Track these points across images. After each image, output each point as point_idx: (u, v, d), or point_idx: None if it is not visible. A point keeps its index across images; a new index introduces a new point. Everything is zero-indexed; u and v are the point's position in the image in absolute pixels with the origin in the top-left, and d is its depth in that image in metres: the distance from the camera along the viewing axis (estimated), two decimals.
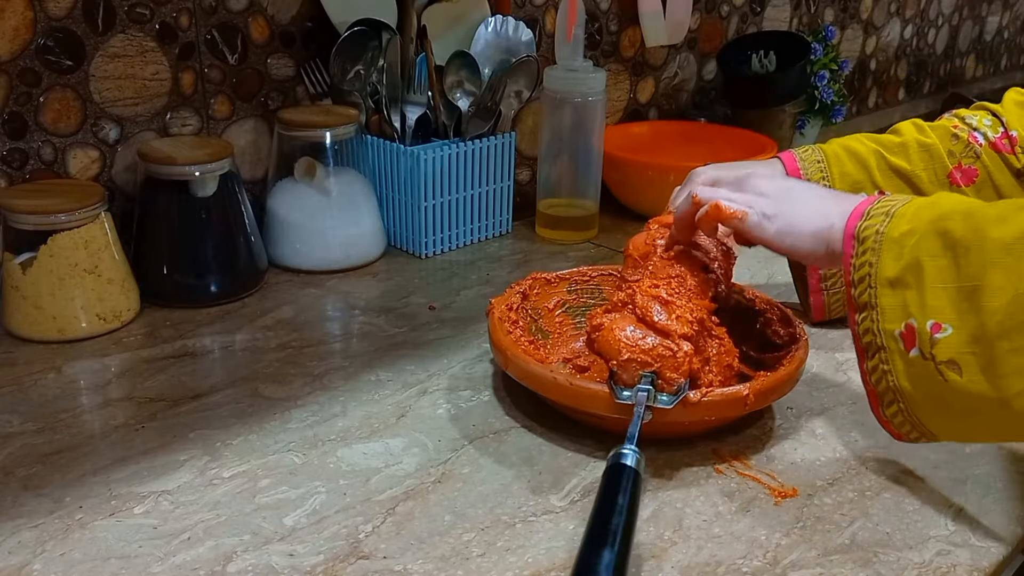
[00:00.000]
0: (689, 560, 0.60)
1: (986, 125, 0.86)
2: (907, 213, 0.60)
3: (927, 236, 0.58)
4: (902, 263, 0.58)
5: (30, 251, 0.83)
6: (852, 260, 0.61)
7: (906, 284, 0.58)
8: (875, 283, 0.59)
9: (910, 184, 0.86)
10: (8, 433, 0.71)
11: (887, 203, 0.62)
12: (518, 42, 1.13)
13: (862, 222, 0.62)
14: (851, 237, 0.61)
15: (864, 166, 0.87)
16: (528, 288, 0.86)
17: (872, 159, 0.87)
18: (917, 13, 2.01)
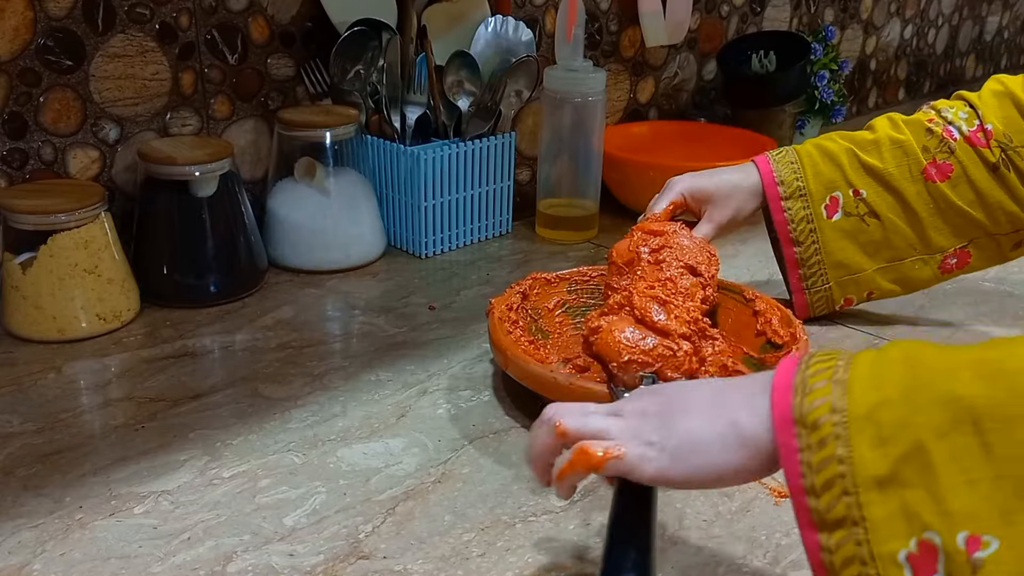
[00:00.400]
0: (689, 560, 0.60)
1: (961, 118, 0.86)
2: (865, 375, 0.43)
3: (922, 407, 0.40)
4: (892, 452, 0.40)
5: (30, 251, 0.83)
6: (802, 457, 0.42)
7: (905, 482, 0.40)
8: (854, 487, 0.41)
9: (883, 182, 0.86)
10: (8, 433, 0.71)
11: (824, 362, 0.44)
12: (518, 42, 1.13)
13: (798, 398, 0.43)
14: (788, 422, 0.43)
15: (837, 165, 0.87)
16: (528, 288, 0.86)
17: (844, 157, 0.87)
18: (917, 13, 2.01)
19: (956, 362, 0.41)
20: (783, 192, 0.88)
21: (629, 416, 0.51)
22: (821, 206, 0.88)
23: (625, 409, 0.52)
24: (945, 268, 0.89)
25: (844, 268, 0.89)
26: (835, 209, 0.88)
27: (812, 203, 0.88)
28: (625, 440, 0.49)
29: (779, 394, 0.44)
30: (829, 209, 0.88)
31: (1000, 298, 1.02)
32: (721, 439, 0.46)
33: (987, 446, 0.38)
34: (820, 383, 0.43)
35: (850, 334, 0.92)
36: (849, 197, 0.87)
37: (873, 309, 0.98)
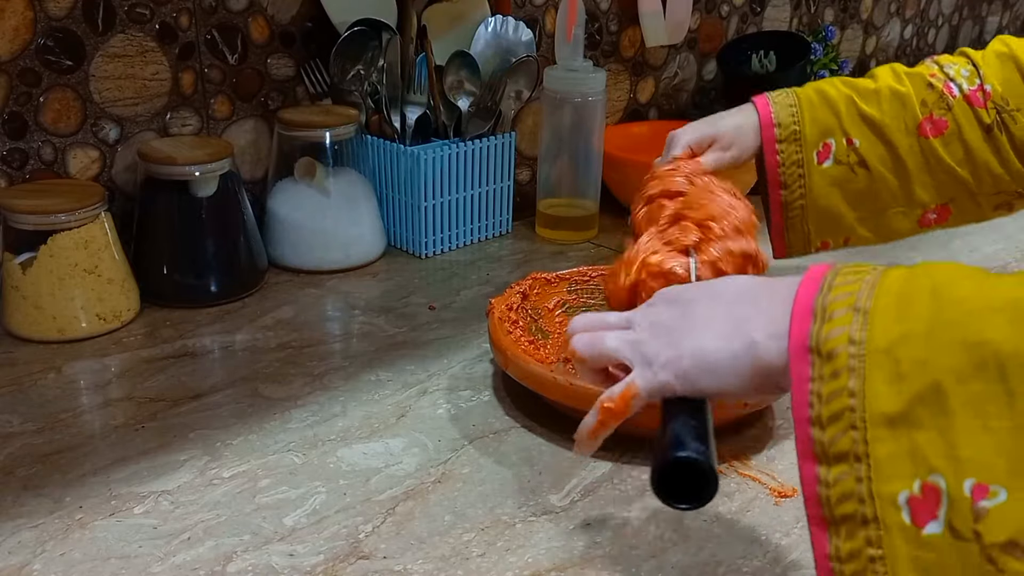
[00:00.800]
0: (689, 560, 0.60)
1: (963, 76, 0.85)
2: (889, 305, 0.41)
3: (945, 347, 0.38)
4: (908, 390, 0.38)
5: (30, 251, 0.83)
6: (812, 387, 0.41)
7: (917, 423, 0.38)
8: (862, 422, 0.39)
9: (878, 132, 0.86)
10: (8, 433, 0.71)
11: (848, 286, 0.42)
12: (518, 42, 1.13)
13: (816, 326, 0.41)
14: (803, 350, 0.41)
15: (835, 112, 0.87)
16: (528, 288, 0.86)
17: (843, 105, 0.87)
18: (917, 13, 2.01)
19: (990, 301, 0.38)
20: (778, 134, 0.88)
21: (641, 329, 0.51)
22: (813, 152, 0.87)
23: (638, 320, 0.51)
24: (924, 222, 0.90)
25: (826, 213, 0.89)
26: (826, 156, 0.87)
27: (805, 148, 0.87)
28: (637, 367, 0.49)
29: (798, 318, 0.42)
30: (820, 155, 0.88)
31: None
32: (733, 360, 0.46)
33: (1011, 394, 0.36)
34: (841, 311, 0.41)
35: None
36: (842, 145, 0.87)
37: None
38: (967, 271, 0.41)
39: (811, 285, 0.43)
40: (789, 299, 0.43)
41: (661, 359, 0.48)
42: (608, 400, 0.50)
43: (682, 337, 0.48)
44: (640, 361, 0.49)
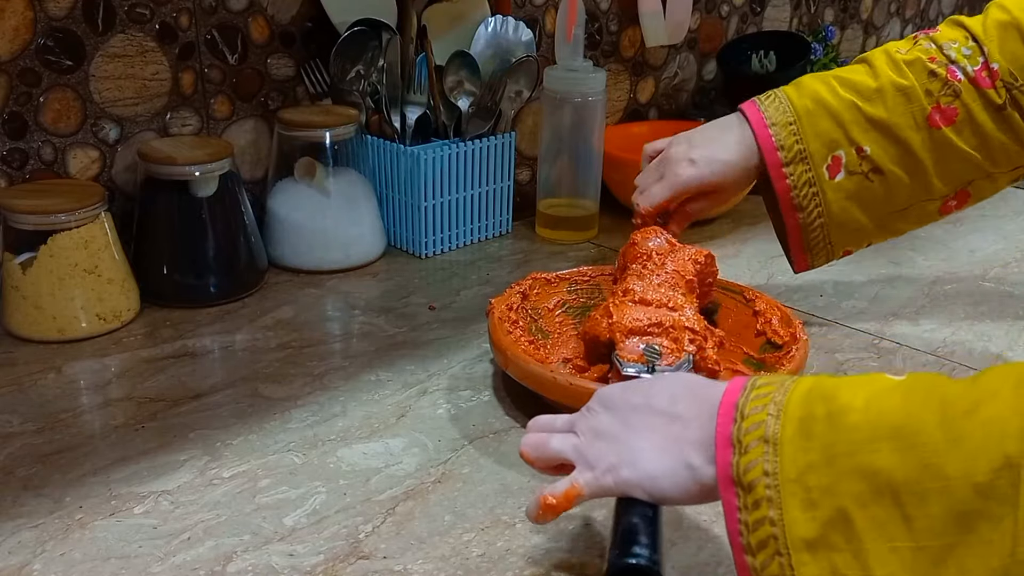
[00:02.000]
0: (689, 560, 0.60)
1: (965, 56, 0.80)
2: (794, 435, 0.44)
3: (845, 475, 0.42)
4: (820, 516, 0.42)
5: (30, 251, 0.83)
6: (740, 516, 0.45)
7: (833, 546, 0.42)
8: (785, 548, 0.43)
9: (888, 134, 0.81)
10: (8, 433, 0.71)
11: (757, 415, 0.46)
12: (518, 42, 1.13)
13: (735, 457, 0.45)
14: (729, 482, 0.45)
15: (839, 122, 0.82)
16: (528, 288, 0.86)
17: (846, 113, 0.82)
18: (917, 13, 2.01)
19: (877, 430, 0.42)
20: (784, 158, 0.82)
21: (582, 433, 0.54)
22: (823, 167, 0.83)
23: (580, 426, 0.55)
24: (944, 210, 0.86)
25: (846, 227, 0.85)
26: (837, 169, 0.83)
27: (814, 166, 0.82)
28: (580, 467, 0.53)
29: (721, 448, 0.46)
30: (831, 170, 0.83)
31: (1000, 298, 1.02)
32: (673, 477, 0.49)
33: (908, 518, 0.40)
34: (753, 443, 0.45)
35: (850, 334, 0.92)
36: (852, 155, 0.82)
37: (874, 308, 0.98)
38: (861, 391, 0.44)
39: (728, 411, 0.47)
40: (714, 417, 0.47)
41: (602, 465, 0.52)
42: (551, 495, 0.53)
43: (620, 447, 0.52)
44: (583, 463, 0.53)
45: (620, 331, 0.72)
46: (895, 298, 1.01)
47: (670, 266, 0.79)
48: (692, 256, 0.81)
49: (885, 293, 1.03)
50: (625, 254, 0.83)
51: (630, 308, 0.74)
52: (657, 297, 0.75)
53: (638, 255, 0.81)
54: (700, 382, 0.53)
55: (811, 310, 0.97)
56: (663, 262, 0.79)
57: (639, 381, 0.58)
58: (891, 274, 1.08)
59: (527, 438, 0.57)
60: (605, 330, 0.73)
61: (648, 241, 0.82)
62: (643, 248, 0.81)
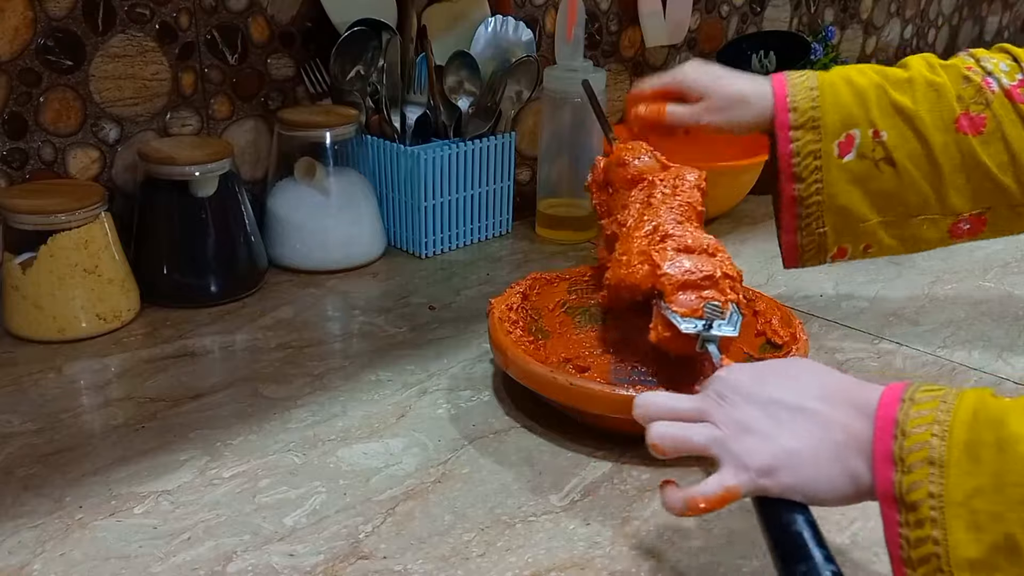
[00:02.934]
0: (689, 560, 0.60)
1: (1003, 71, 0.77)
2: (960, 459, 0.45)
3: (1015, 504, 0.43)
4: (986, 539, 0.44)
5: (30, 251, 0.83)
6: (902, 531, 0.46)
7: (996, 567, 0.43)
8: (947, 566, 0.44)
9: (911, 125, 0.77)
10: (8, 433, 0.71)
11: (920, 435, 0.46)
12: (518, 42, 1.13)
13: (898, 475, 0.46)
14: (891, 499, 0.46)
15: (862, 100, 0.78)
16: (528, 288, 0.85)
17: (872, 92, 0.78)
18: (917, 13, 2.01)
19: None
20: (793, 120, 0.78)
21: (724, 426, 0.52)
22: (834, 142, 0.78)
23: (717, 416, 0.53)
24: (955, 233, 0.81)
25: (845, 215, 0.80)
26: (848, 148, 0.78)
27: (824, 137, 0.78)
28: (730, 465, 0.51)
29: (881, 463, 0.47)
30: (842, 147, 0.78)
31: (1000, 298, 1.02)
32: (834, 482, 0.49)
33: None
34: (917, 463, 0.45)
35: (850, 334, 0.92)
36: (867, 137, 0.77)
37: (874, 308, 0.98)
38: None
39: (887, 425, 0.47)
40: (870, 426, 0.48)
41: (757, 465, 0.50)
42: (704, 501, 0.51)
43: (775, 448, 0.50)
44: (733, 463, 0.51)
45: (671, 284, 0.68)
46: (895, 298, 1.01)
47: (681, 196, 0.74)
48: (695, 182, 0.76)
49: (885, 293, 1.03)
50: (611, 173, 0.78)
51: (676, 257, 0.69)
52: (698, 242, 0.70)
53: (631, 178, 0.76)
54: (846, 379, 0.52)
55: (811, 310, 0.97)
56: (673, 191, 0.75)
57: (769, 368, 0.55)
58: (891, 274, 1.08)
59: (658, 429, 0.53)
60: (648, 279, 0.70)
61: (636, 159, 0.77)
62: (634, 169, 0.76)
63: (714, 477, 0.51)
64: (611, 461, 0.70)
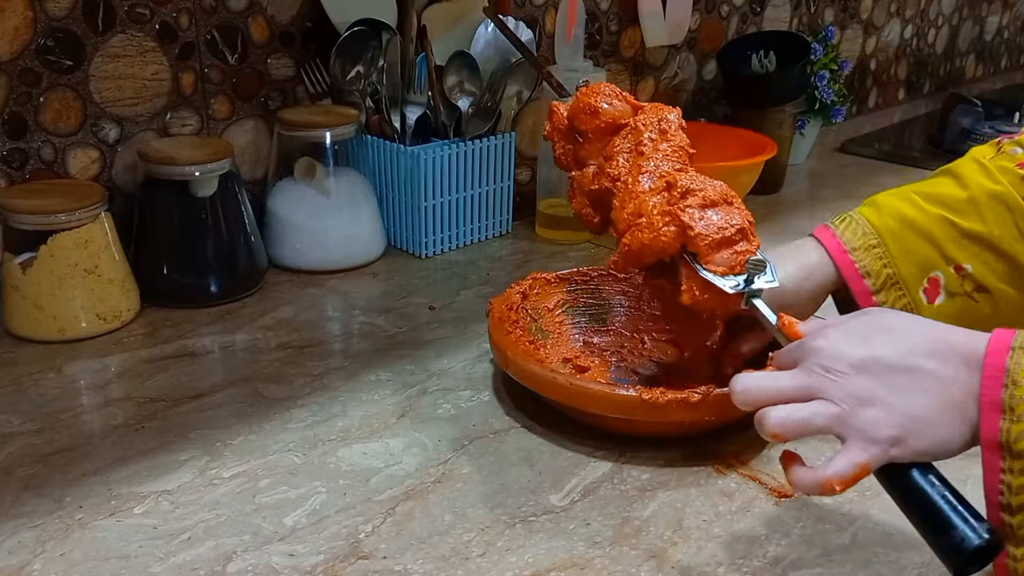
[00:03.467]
0: (689, 560, 0.60)
1: None
2: None
3: None
4: None
5: (30, 251, 0.83)
6: (1003, 478, 0.47)
7: None
8: None
9: (990, 248, 0.71)
10: (8, 433, 0.71)
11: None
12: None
13: (1007, 422, 0.46)
14: (995, 446, 0.47)
15: (930, 240, 0.72)
16: (528, 288, 0.85)
17: (938, 228, 0.72)
18: (917, 13, 2.01)
19: None
20: (872, 285, 0.72)
21: (840, 400, 0.51)
22: (919, 291, 0.72)
23: (829, 391, 0.51)
24: None
25: None
26: (936, 292, 0.73)
27: (908, 291, 0.72)
28: (856, 441, 0.50)
29: (987, 411, 0.47)
30: (929, 293, 0.73)
31: None
32: (962, 438, 0.49)
33: None
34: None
35: None
36: (952, 275, 0.72)
37: None
38: None
39: (996, 373, 0.47)
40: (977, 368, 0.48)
41: (884, 437, 0.49)
42: (839, 482, 0.49)
43: (898, 416, 0.49)
44: (861, 437, 0.50)
45: (707, 244, 0.65)
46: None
47: (673, 139, 0.71)
48: (678, 121, 0.72)
49: None
50: (578, 121, 0.75)
51: (704, 214, 0.65)
52: (719, 193, 0.66)
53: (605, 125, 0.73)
54: (948, 330, 0.51)
55: None
56: (661, 136, 0.71)
57: (862, 326, 0.53)
58: None
59: (776, 416, 0.52)
60: (677, 240, 0.66)
61: (607, 104, 0.73)
62: (607, 115, 0.73)
63: (842, 455, 0.50)
64: (611, 461, 0.70)
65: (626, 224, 0.69)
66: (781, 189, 1.38)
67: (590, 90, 0.75)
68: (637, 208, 0.68)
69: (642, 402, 0.67)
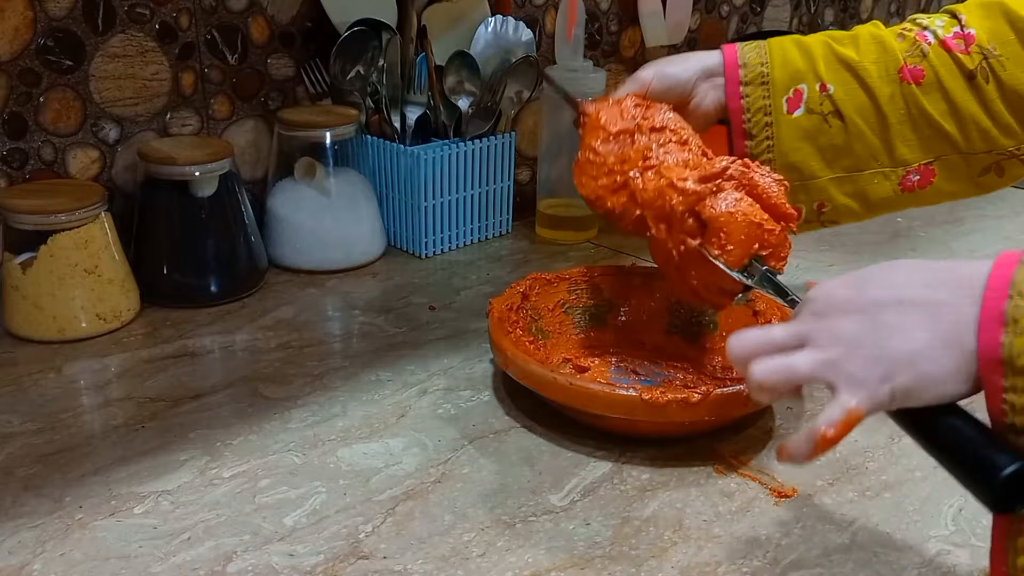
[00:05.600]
0: (689, 560, 0.60)
1: (938, 25, 0.78)
2: None
3: None
4: None
5: (30, 251, 0.83)
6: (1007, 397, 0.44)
7: None
8: None
9: (857, 78, 0.78)
10: (8, 433, 0.71)
11: None
12: (518, 42, 1.13)
13: (1009, 336, 0.43)
14: (996, 362, 0.44)
15: (808, 55, 0.80)
16: (528, 288, 0.85)
17: (818, 48, 0.80)
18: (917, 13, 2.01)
19: None
20: (743, 75, 0.80)
21: (829, 345, 0.48)
22: (783, 98, 0.80)
23: (817, 336, 0.49)
24: (906, 185, 0.81)
25: (796, 171, 0.80)
26: (797, 104, 0.80)
27: (773, 93, 0.80)
28: (845, 386, 0.47)
29: (986, 325, 0.43)
30: (791, 103, 0.80)
31: None
32: (959, 374, 0.45)
33: None
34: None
35: None
36: (815, 92, 0.79)
37: None
38: None
39: (1000, 284, 0.44)
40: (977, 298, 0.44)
41: (874, 377, 0.46)
42: (830, 428, 0.47)
43: (884, 352, 0.46)
44: (849, 381, 0.47)
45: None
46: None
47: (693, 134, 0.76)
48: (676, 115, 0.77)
49: None
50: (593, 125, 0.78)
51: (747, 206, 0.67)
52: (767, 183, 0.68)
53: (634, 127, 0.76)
54: (954, 263, 0.48)
55: None
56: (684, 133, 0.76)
57: (867, 272, 0.50)
58: None
59: (763, 367, 0.50)
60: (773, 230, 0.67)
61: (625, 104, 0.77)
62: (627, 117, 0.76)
63: (832, 403, 0.47)
64: (611, 461, 0.70)
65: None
66: None
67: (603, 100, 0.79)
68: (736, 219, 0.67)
69: (642, 402, 0.67)
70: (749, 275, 0.65)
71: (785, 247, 0.67)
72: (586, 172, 0.77)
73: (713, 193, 0.67)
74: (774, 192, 0.67)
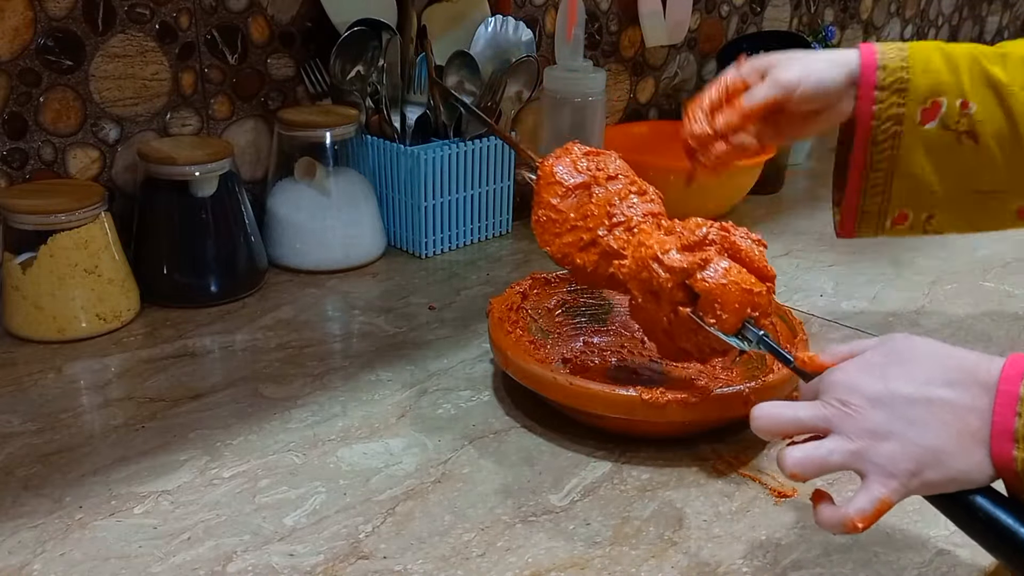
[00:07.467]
0: (689, 560, 0.60)
1: None
2: None
3: None
4: None
5: (30, 251, 0.83)
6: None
7: None
8: None
9: (1002, 101, 0.72)
10: (8, 433, 0.71)
11: None
12: (518, 42, 1.13)
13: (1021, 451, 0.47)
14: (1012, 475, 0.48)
15: (953, 67, 0.73)
16: (528, 288, 0.86)
17: (964, 62, 0.73)
18: (917, 13, 2.01)
19: None
20: (880, 79, 0.73)
21: (856, 436, 0.50)
22: (918, 108, 0.73)
23: (849, 429, 0.51)
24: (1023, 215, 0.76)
25: (913, 184, 0.76)
26: (932, 116, 0.73)
27: (909, 101, 0.73)
28: (876, 476, 0.50)
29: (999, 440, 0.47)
30: (925, 114, 0.73)
31: (1000, 298, 1.02)
32: (982, 467, 0.48)
33: None
34: None
35: (850, 334, 0.92)
36: (954, 107, 0.73)
37: (874, 308, 0.98)
38: None
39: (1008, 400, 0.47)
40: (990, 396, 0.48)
41: (904, 470, 0.49)
42: (861, 520, 0.50)
43: (915, 449, 0.49)
44: (880, 473, 0.50)
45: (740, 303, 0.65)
46: (895, 298, 1.01)
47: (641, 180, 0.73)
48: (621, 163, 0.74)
49: (885, 293, 1.03)
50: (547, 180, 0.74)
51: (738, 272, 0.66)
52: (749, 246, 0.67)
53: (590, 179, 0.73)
54: (963, 355, 0.51)
55: (811, 310, 0.97)
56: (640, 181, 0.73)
57: (882, 358, 0.53)
58: (891, 274, 1.08)
59: (794, 456, 0.52)
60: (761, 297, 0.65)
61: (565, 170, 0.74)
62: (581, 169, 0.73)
63: (862, 492, 0.50)
64: (611, 461, 0.70)
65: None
66: (781, 189, 1.38)
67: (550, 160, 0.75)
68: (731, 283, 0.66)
69: (642, 402, 0.67)
70: (744, 339, 0.64)
71: (771, 306, 0.67)
72: (548, 230, 0.74)
73: (701, 266, 0.65)
74: (756, 255, 0.66)
